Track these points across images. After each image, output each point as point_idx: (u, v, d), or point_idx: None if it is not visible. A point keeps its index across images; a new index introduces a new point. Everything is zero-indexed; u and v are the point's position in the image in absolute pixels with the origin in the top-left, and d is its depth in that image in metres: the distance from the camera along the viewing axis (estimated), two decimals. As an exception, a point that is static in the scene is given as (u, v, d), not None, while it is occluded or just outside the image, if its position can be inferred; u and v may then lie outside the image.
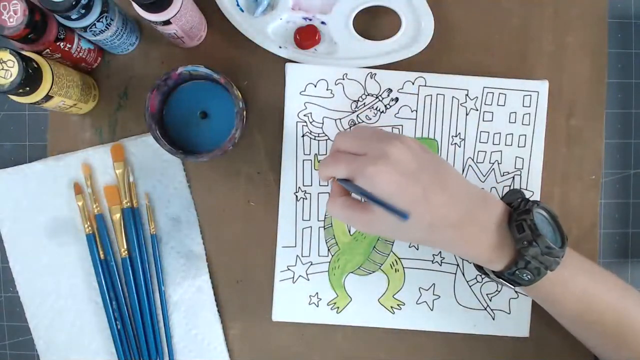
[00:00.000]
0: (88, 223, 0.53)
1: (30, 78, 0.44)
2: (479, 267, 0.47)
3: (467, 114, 0.53)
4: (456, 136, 0.54)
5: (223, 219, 0.54)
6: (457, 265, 0.54)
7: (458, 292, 0.53)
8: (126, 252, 0.53)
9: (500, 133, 0.53)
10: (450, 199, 0.41)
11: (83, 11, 0.44)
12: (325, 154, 0.54)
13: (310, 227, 0.54)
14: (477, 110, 0.53)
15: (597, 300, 0.44)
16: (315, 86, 0.53)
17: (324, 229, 0.54)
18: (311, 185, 0.54)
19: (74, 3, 0.43)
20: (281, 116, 0.54)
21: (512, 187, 0.53)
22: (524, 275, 0.42)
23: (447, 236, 0.42)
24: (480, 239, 0.42)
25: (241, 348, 0.54)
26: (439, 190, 0.41)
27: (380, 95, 0.53)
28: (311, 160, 0.54)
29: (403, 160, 0.40)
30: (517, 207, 0.44)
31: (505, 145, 0.53)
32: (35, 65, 0.45)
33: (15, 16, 0.43)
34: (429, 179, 0.41)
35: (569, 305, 0.44)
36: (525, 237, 0.41)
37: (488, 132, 0.53)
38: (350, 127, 0.54)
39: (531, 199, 0.53)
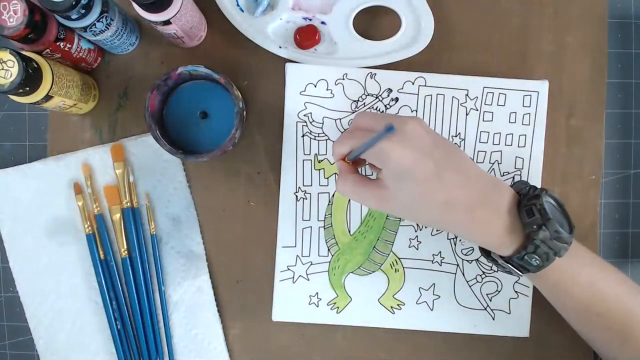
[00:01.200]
0: (88, 223, 0.53)
1: (30, 78, 0.44)
2: (487, 254, 0.47)
3: (467, 114, 0.53)
4: (456, 136, 0.54)
5: (223, 219, 0.54)
6: (457, 265, 0.53)
7: (458, 292, 0.53)
8: (126, 252, 0.53)
9: (500, 133, 0.53)
10: (464, 179, 0.42)
11: (83, 11, 0.44)
12: (326, 154, 0.54)
13: (310, 227, 0.54)
14: (477, 110, 0.53)
15: (604, 292, 0.44)
16: (315, 86, 0.53)
17: (324, 229, 0.54)
18: (311, 185, 0.54)
19: (74, 3, 0.43)
20: (281, 116, 0.54)
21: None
22: (533, 260, 0.42)
23: (459, 217, 0.42)
24: (492, 222, 0.42)
25: (241, 348, 0.54)
26: (453, 169, 0.42)
27: (380, 95, 0.53)
28: (311, 160, 0.54)
29: (417, 137, 0.41)
30: (526, 194, 0.44)
31: (505, 145, 0.53)
32: (35, 65, 0.45)
33: (15, 16, 0.43)
34: (442, 157, 0.41)
35: (576, 295, 0.44)
36: (534, 220, 0.41)
37: (488, 132, 0.53)
38: (350, 127, 0.54)
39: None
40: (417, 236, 0.54)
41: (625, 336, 0.44)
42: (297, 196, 0.54)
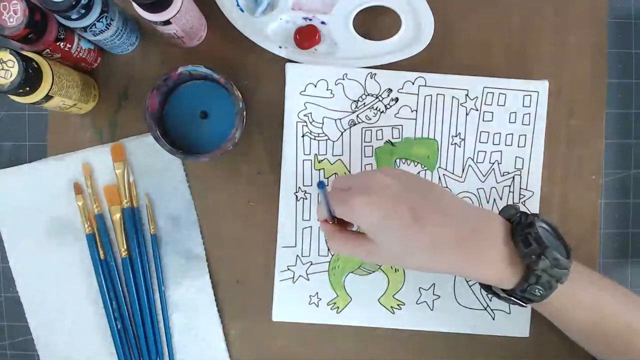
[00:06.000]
0: (88, 223, 0.53)
1: (30, 78, 0.44)
2: (487, 288, 0.46)
3: (467, 114, 0.53)
4: (456, 136, 0.54)
5: (223, 219, 0.54)
6: (457, 265, 0.53)
7: (458, 292, 0.53)
8: (126, 252, 0.53)
9: (500, 133, 0.53)
10: (447, 217, 0.41)
11: (83, 11, 0.44)
12: (325, 154, 0.54)
13: (310, 227, 0.54)
14: (477, 110, 0.53)
15: (606, 312, 0.43)
16: (315, 86, 0.53)
17: (324, 229, 0.54)
18: (311, 185, 0.54)
19: (74, 3, 0.43)
20: (281, 116, 0.54)
21: (512, 188, 0.53)
22: (536, 290, 0.41)
23: (453, 256, 0.41)
24: (489, 254, 0.41)
25: (241, 348, 0.54)
26: (432, 208, 0.41)
27: (380, 95, 0.53)
28: (311, 160, 0.54)
29: (385, 187, 0.41)
30: (518, 222, 0.43)
31: (505, 145, 0.53)
32: (35, 65, 0.45)
33: (15, 16, 0.43)
34: (418, 200, 0.41)
35: (580, 317, 0.44)
36: (532, 250, 0.40)
37: (488, 132, 0.53)
38: (350, 127, 0.54)
39: (531, 199, 0.53)
40: (417, 236, 0.54)
41: (626, 349, 0.44)
42: (297, 196, 0.54)
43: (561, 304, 0.43)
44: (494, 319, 0.53)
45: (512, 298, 0.43)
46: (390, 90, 0.53)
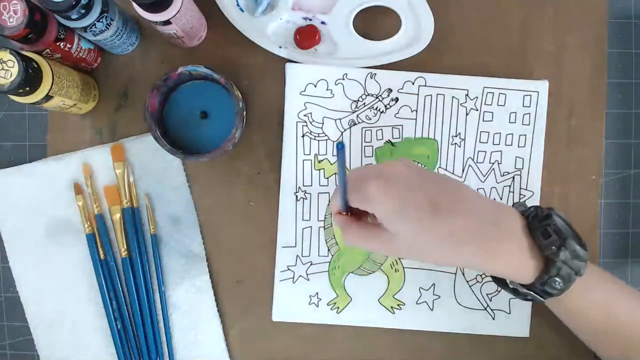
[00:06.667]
0: (88, 223, 0.53)
1: (30, 78, 0.44)
2: (504, 285, 0.45)
3: (467, 114, 0.53)
4: (456, 136, 0.54)
5: (223, 219, 0.54)
6: (457, 265, 0.54)
7: (458, 292, 0.53)
8: (126, 252, 0.53)
9: (500, 133, 0.53)
10: (466, 208, 0.41)
11: (83, 11, 0.44)
12: (326, 154, 0.54)
13: (310, 227, 0.54)
14: (477, 110, 0.53)
15: (618, 310, 0.43)
16: (315, 86, 0.53)
17: (324, 229, 0.54)
18: (311, 185, 0.54)
19: (74, 3, 0.43)
20: (281, 116, 0.54)
21: (512, 188, 0.53)
22: (556, 283, 0.40)
23: (473, 250, 0.40)
24: (508, 247, 0.41)
25: (241, 348, 0.54)
26: (450, 198, 0.40)
27: (380, 95, 0.53)
28: (311, 160, 0.54)
29: (401, 176, 0.40)
30: (535, 215, 0.43)
31: (505, 145, 0.53)
32: (35, 65, 0.45)
33: (15, 16, 0.43)
34: (436, 190, 0.40)
35: (592, 315, 0.43)
36: (553, 242, 0.40)
37: (488, 132, 0.53)
38: (350, 127, 0.54)
39: (532, 199, 0.53)
40: (417, 236, 0.54)
41: (638, 350, 0.43)
42: (297, 196, 0.54)
43: (575, 301, 0.43)
44: (494, 319, 0.53)
45: (531, 292, 0.42)
46: (390, 90, 0.53)
